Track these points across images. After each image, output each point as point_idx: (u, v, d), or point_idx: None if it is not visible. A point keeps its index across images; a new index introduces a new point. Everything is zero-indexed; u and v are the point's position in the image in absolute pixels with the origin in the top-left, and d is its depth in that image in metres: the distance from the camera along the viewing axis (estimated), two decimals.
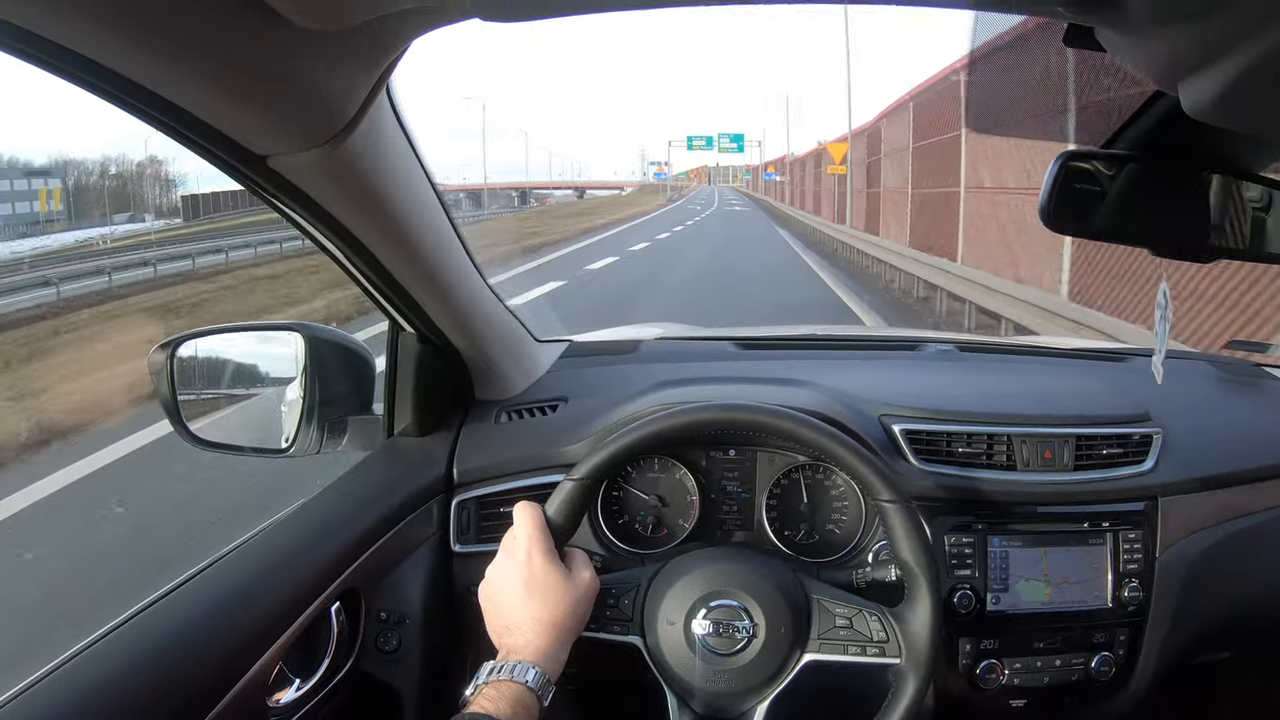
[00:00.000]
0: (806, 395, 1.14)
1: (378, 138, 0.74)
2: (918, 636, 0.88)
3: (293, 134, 0.66)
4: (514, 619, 0.85)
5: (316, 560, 0.94)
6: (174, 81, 0.57)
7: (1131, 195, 0.88)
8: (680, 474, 1.13)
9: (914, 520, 0.91)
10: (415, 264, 0.93)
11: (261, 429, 1.17)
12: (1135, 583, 1.11)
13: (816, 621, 0.90)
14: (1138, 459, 1.16)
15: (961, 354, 1.49)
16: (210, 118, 0.62)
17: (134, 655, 0.76)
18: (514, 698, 0.78)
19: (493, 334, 1.15)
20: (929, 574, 0.90)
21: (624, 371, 1.31)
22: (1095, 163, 0.89)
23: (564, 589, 0.86)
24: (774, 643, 0.88)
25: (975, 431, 1.13)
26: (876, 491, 0.92)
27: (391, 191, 0.81)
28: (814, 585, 0.93)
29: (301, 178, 0.73)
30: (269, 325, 1.17)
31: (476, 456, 1.13)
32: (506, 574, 0.88)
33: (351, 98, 0.65)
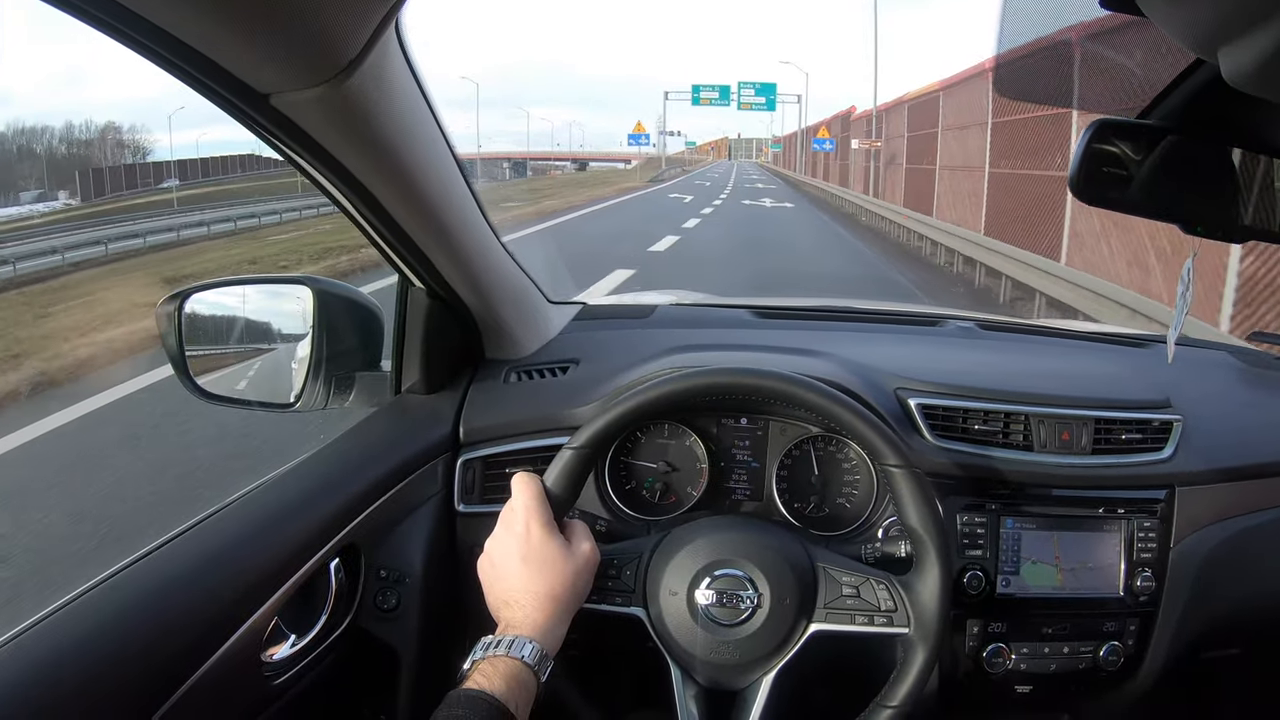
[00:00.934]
0: (820, 365, 1.12)
1: (385, 78, 0.71)
2: (926, 605, 0.86)
3: (296, 70, 0.64)
4: (512, 593, 0.84)
5: (316, 515, 0.93)
6: (176, 14, 0.56)
7: (1163, 169, 0.86)
8: (690, 440, 1.11)
9: (923, 487, 0.89)
10: (424, 214, 0.91)
11: (269, 383, 1.15)
12: (1148, 572, 1.09)
13: (823, 591, 0.88)
14: (1157, 446, 1.13)
15: (983, 332, 1.47)
16: (212, 52, 0.60)
17: (131, 602, 0.76)
18: (510, 674, 0.76)
19: (504, 292, 1.13)
20: (938, 541, 0.88)
21: (637, 336, 1.29)
22: (1128, 134, 0.87)
23: (562, 561, 0.84)
24: (779, 613, 0.86)
25: (992, 409, 1.11)
26: (883, 456, 0.90)
27: (399, 136, 0.79)
28: (820, 554, 0.90)
29: (305, 117, 0.71)
30: (278, 278, 1.16)
31: (484, 416, 1.11)
32: (504, 547, 0.86)
33: (357, 33, 0.63)
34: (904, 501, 0.89)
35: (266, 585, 0.84)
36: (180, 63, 0.60)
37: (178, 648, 0.75)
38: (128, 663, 0.71)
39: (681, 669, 0.88)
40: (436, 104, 0.84)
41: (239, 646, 0.80)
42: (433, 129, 0.85)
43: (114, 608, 0.75)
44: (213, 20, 0.57)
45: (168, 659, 0.74)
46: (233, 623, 0.80)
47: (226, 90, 0.65)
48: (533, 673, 0.78)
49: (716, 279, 8.98)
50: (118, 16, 0.54)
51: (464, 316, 1.11)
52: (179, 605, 0.77)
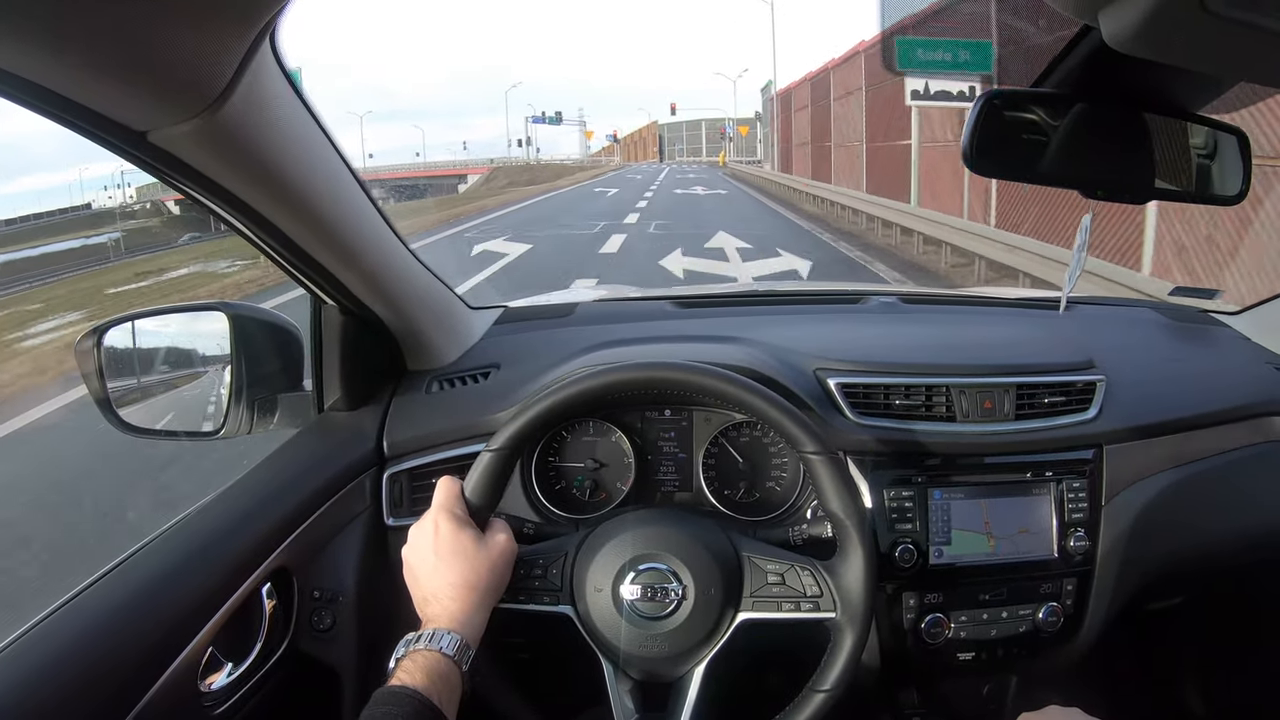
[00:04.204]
0: (739, 351, 1.12)
1: (262, 103, 0.70)
2: (851, 589, 0.87)
3: (167, 105, 0.63)
4: (430, 588, 0.84)
5: (245, 540, 0.92)
6: (36, 62, 0.54)
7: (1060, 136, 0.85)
8: (615, 436, 1.11)
9: (840, 471, 0.89)
10: (324, 233, 0.90)
11: (193, 412, 1.14)
12: (1081, 532, 1.10)
13: (748, 580, 0.88)
14: (1081, 407, 1.14)
15: (904, 305, 1.47)
16: (80, 96, 0.59)
17: (57, 649, 0.75)
18: (430, 667, 0.77)
19: (418, 302, 1.12)
20: (859, 525, 0.88)
21: (557, 335, 1.29)
22: (1021, 103, 0.86)
23: (475, 552, 0.85)
24: (705, 604, 0.86)
25: (913, 383, 1.11)
26: (800, 444, 0.90)
27: (285, 158, 0.78)
28: (745, 543, 0.91)
29: (185, 150, 0.69)
30: (193, 306, 1.14)
31: (406, 428, 1.11)
32: (418, 546, 0.87)
33: (224, 63, 0.62)
34: (823, 487, 0.89)
35: (198, 615, 0.84)
36: (50, 107, 0.59)
37: (113, 686, 0.74)
38: (68, 701, 0.71)
39: (613, 664, 0.88)
40: (325, 120, 0.83)
41: (175, 678, 0.79)
42: (323, 147, 0.84)
43: (50, 646, 0.74)
44: (76, 65, 0.56)
45: (107, 696, 0.73)
46: (166, 655, 0.79)
47: (101, 130, 0.64)
48: (453, 663, 0.78)
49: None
50: None
51: (380, 330, 1.10)
52: (110, 644, 0.77)
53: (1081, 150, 0.85)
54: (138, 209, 45.39)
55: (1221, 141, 0.84)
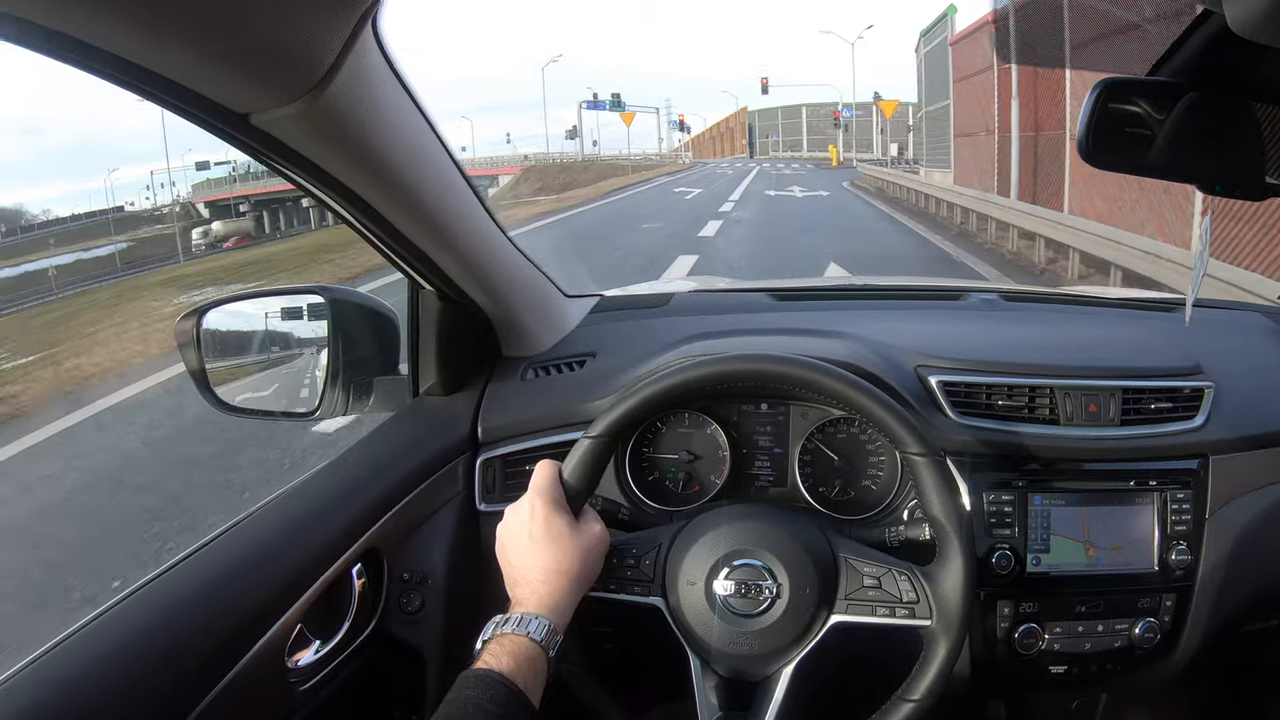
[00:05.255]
0: (839, 346, 1.10)
1: (364, 86, 0.71)
2: (949, 597, 0.84)
3: (270, 88, 0.64)
4: (521, 570, 0.84)
5: (338, 521, 0.94)
6: (143, 46, 0.56)
7: (1177, 128, 0.83)
8: (711, 429, 1.10)
9: (944, 474, 0.87)
10: (424, 218, 0.91)
11: (289, 392, 1.17)
12: (1183, 545, 1.05)
13: (844, 581, 0.86)
14: (1188, 414, 1.09)
15: (1006, 303, 1.43)
16: (183, 78, 0.60)
17: (155, 616, 0.77)
18: (517, 651, 0.77)
19: (515, 289, 1.13)
20: (961, 531, 0.85)
21: (654, 325, 1.28)
22: (1138, 92, 0.84)
23: (569, 537, 0.85)
24: (798, 604, 0.85)
25: (1016, 383, 1.08)
26: (904, 444, 0.88)
27: (386, 142, 0.78)
28: (842, 544, 0.89)
29: (288, 133, 0.71)
30: (292, 289, 1.17)
31: (501, 414, 1.11)
32: (511, 527, 0.87)
33: (328, 46, 0.63)
34: (926, 490, 0.87)
35: (290, 592, 0.85)
36: (158, 91, 0.60)
37: (207, 654, 0.76)
38: (161, 668, 0.73)
39: (700, 659, 0.87)
40: (426, 106, 0.83)
41: (264, 652, 0.81)
42: (423, 132, 0.84)
43: (146, 616, 0.77)
44: (179, 48, 0.57)
45: (199, 664, 0.75)
46: (257, 629, 0.81)
47: (204, 113, 0.65)
48: (540, 648, 0.78)
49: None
50: (83, 52, 0.54)
51: (477, 316, 1.11)
52: (206, 613, 0.79)
53: (1198, 143, 0.82)
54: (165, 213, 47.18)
55: None
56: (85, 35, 0.53)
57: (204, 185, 51.36)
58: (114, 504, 4.01)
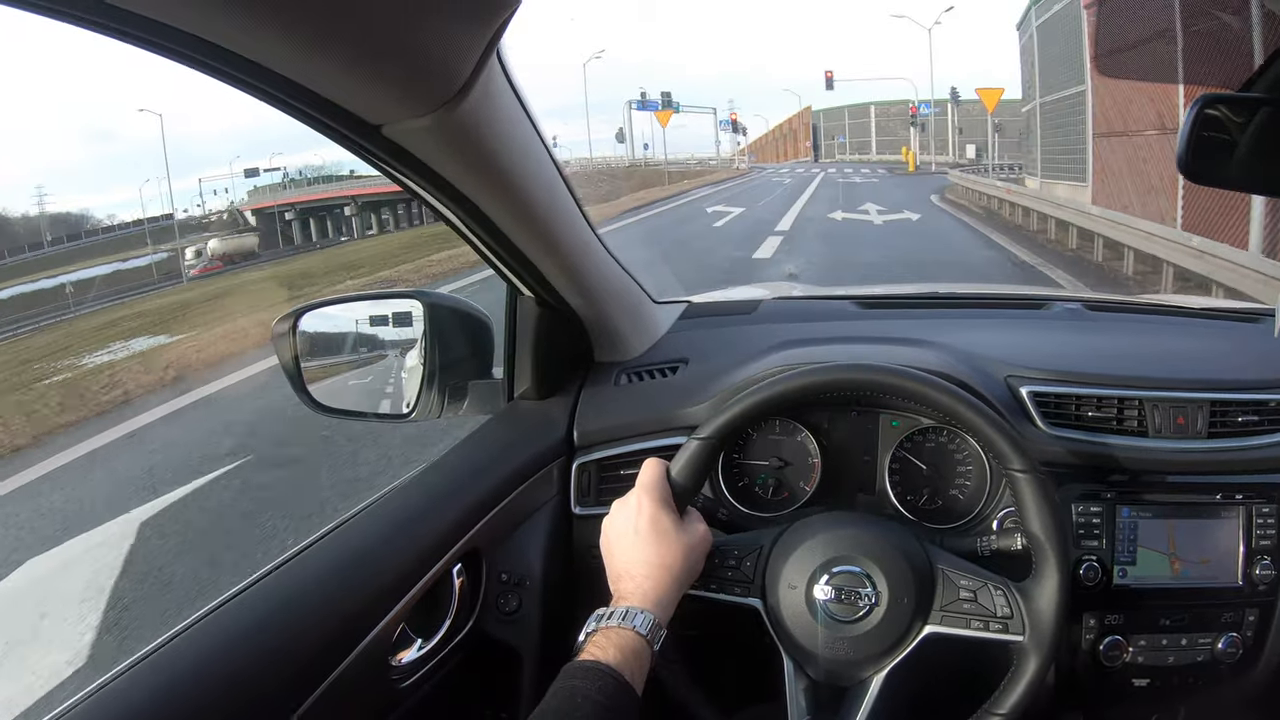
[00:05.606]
0: (931, 355, 1.10)
1: (492, 100, 0.73)
2: (1043, 614, 0.84)
3: (407, 101, 0.66)
4: (626, 564, 0.85)
5: (438, 522, 0.95)
6: (284, 57, 0.57)
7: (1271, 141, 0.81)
8: (802, 436, 1.10)
9: (1047, 492, 0.87)
10: (531, 227, 0.92)
11: (384, 395, 1.19)
12: (1267, 560, 1.04)
13: (940, 592, 0.86)
14: (1275, 428, 1.07)
15: (1089, 313, 1.41)
16: (324, 90, 0.62)
17: (262, 615, 0.79)
18: (623, 644, 0.77)
19: (610, 295, 1.14)
20: (1059, 549, 0.85)
21: (744, 332, 1.29)
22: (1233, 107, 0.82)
23: (675, 534, 0.86)
24: (896, 612, 0.85)
25: (1105, 395, 1.07)
26: (1008, 460, 0.88)
27: (506, 154, 0.80)
28: (939, 555, 0.89)
29: (417, 144, 0.72)
30: (389, 294, 1.19)
31: (596, 419, 1.12)
32: (618, 522, 0.88)
33: (464, 61, 0.64)
34: (1027, 507, 0.87)
35: (394, 591, 0.87)
36: (292, 101, 0.62)
37: (313, 651, 0.78)
38: (268, 665, 0.75)
39: (795, 662, 0.88)
40: (539, 120, 0.85)
41: (369, 650, 0.82)
42: (537, 144, 0.86)
43: (255, 613, 0.79)
44: (322, 58, 0.58)
45: (305, 662, 0.77)
46: (363, 627, 0.82)
47: (337, 123, 0.67)
48: (646, 642, 0.79)
49: None
50: (227, 62, 0.55)
51: (573, 322, 1.12)
52: (313, 611, 0.81)
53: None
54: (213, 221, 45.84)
55: None
56: (233, 45, 0.54)
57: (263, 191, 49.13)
58: None
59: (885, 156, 51.59)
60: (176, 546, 3.67)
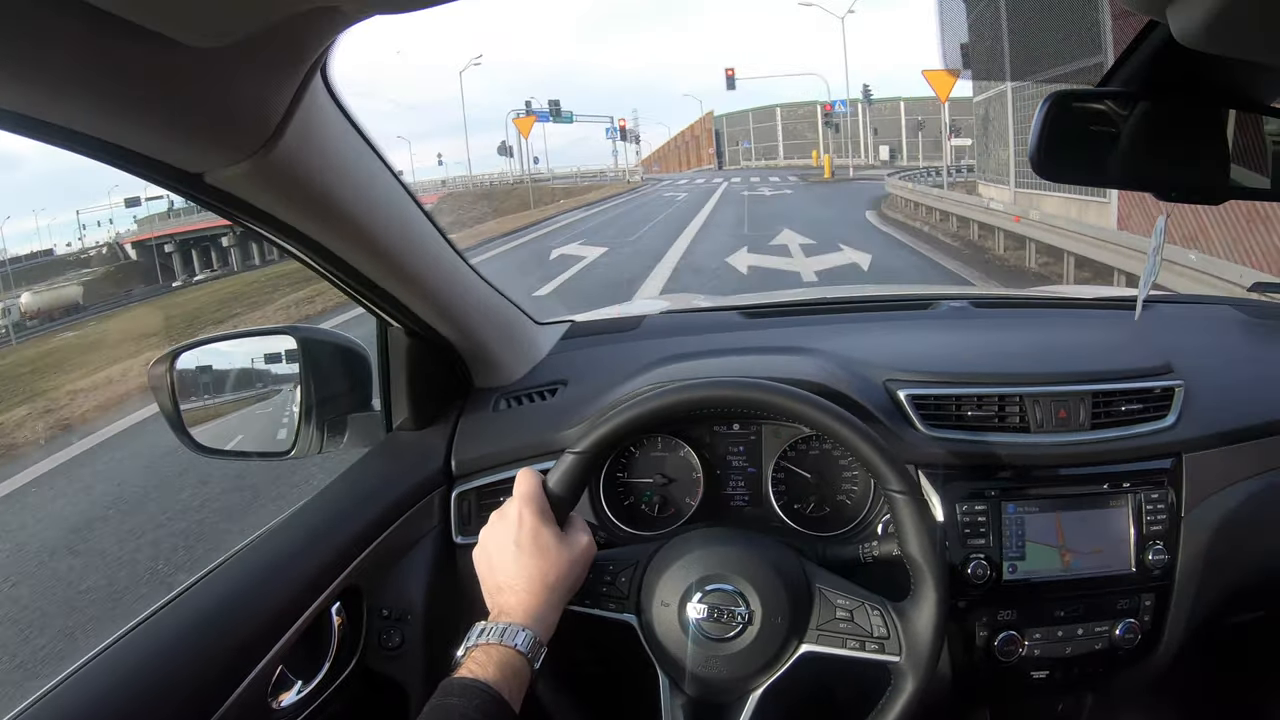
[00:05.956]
0: (808, 364, 1.11)
1: (317, 137, 0.71)
2: (919, 635, 0.85)
3: (219, 148, 0.64)
4: (507, 578, 0.84)
5: (315, 560, 0.94)
6: (86, 116, 0.56)
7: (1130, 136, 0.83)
8: (684, 452, 1.11)
9: (923, 513, 0.87)
10: (385, 260, 0.91)
11: (264, 432, 1.17)
12: (1160, 545, 1.06)
13: (817, 612, 0.87)
14: (1159, 414, 1.10)
15: (975, 310, 1.44)
16: (135, 144, 0.60)
17: (132, 666, 0.77)
18: (503, 661, 0.77)
19: (483, 321, 1.13)
20: (936, 572, 0.86)
21: (625, 349, 1.29)
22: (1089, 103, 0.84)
23: (557, 549, 0.85)
24: (770, 631, 0.85)
25: (986, 393, 1.09)
26: (885, 480, 0.88)
27: (342, 188, 0.79)
28: (818, 574, 0.89)
29: (242, 189, 0.71)
30: (261, 330, 1.17)
31: (475, 446, 1.11)
32: (498, 534, 0.87)
33: (274, 103, 0.63)
34: (904, 528, 0.87)
35: (269, 633, 0.85)
36: (109, 155, 0.61)
37: (186, 701, 0.76)
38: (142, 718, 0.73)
39: (670, 679, 0.87)
40: (379, 145, 0.83)
41: (247, 696, 0.81)
42: (379, 173, 0.85)
43: (127, 665, 0.77)
44: (125, 119, 0.57)
45: (178, 712, 0.75)
46: (238, 673, 0.81)
47: (158, 173, 0.65)
48: (526, 660, 0.78)
49: None
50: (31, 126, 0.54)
51: (446, 350, 1.11)
52: (183, 663, 0.79)
53: (1153, 150, 0.82)
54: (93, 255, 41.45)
55: None
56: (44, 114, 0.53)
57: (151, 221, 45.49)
58: None
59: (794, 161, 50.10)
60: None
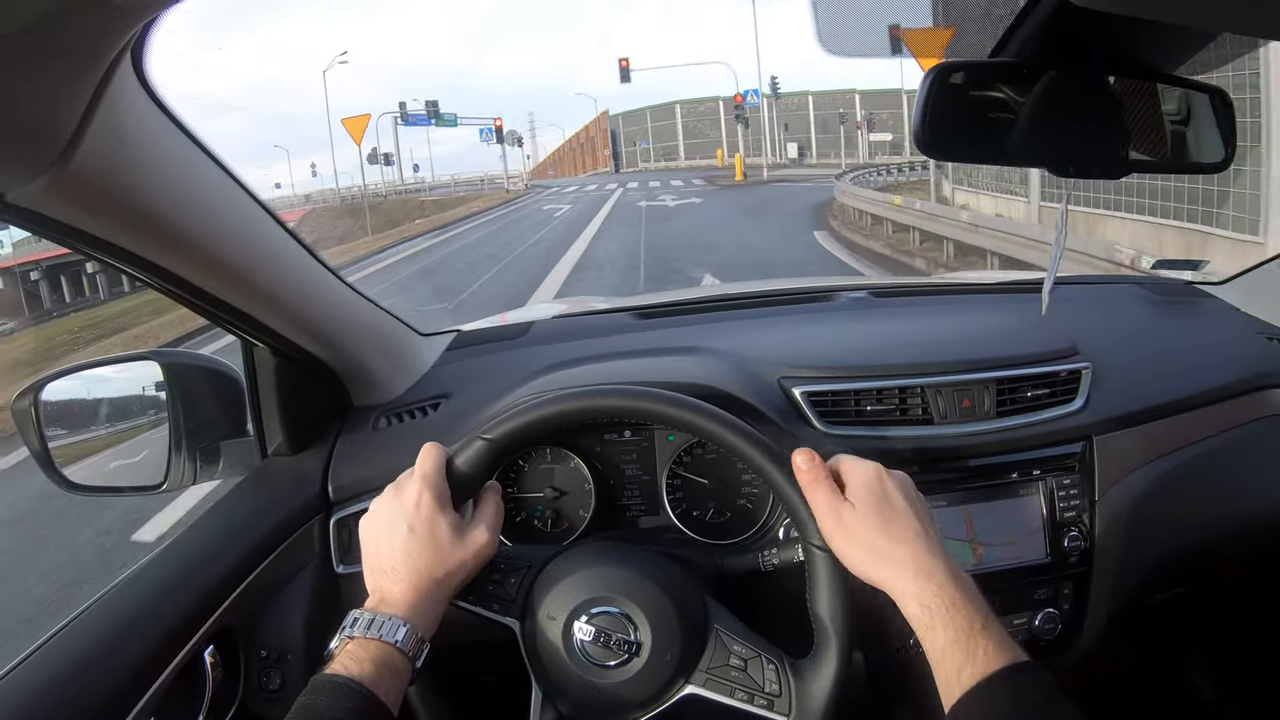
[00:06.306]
0: (698, 366, 1.06)
1: (130, 146, 0.64)
2: (813, 700, 0.77)
3: (10, 163, 0.57)
4: (392, 561, 0.76)
5: (183, 602, 0.86)
6: None
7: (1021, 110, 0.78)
8: (574, 463, 1.05)
9: (839, 573, 0.79)
10: (231, 276, 0.83)
11: (137, 465, 1.09)
12: (1074, 531, 1.04)
13: (709, 653, 0.80)
14: (1066, 398, 1.08)
15: (875, 300, 1.40)
16: None
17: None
18: (381, 658, 0.70)
19: (356, 334, 1.05)
20: (842, 638, 0.78)
21: (513, 357, 1.22)
22: (978, 76, 0.79)
23: (451, 542, 0.77)
24: (656, 665, 0.78)
25: (885, 386, 1.05)
26: (807, 533, 0.80)
27: (170, 202, 0.71)
28: (718, 613, 0.82)
29: (50, 207, 0.63)
30: (123, 357, 1.08)
31: (353, 469, 1.04)
32: (392, 511, 0.79)
33: (66, 110, 0.56)
34: (818, 585, 0.79)
35: (136, 685, 0.78)
36: None
37: None
38: None
39: (544, 694, 0.81)
40: (215, 149, 0.75)
41: None
42: (215, 181, 0.77)
43: None
44: None
45: None
46: None
47: None
48: (407, 658, 0.72)
49: None
50: None
51: (318, 367, 1.04)
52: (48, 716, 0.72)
53: (1047, 124, 0.78)
54: None
55: (1200, 104, 0.77)
56: None
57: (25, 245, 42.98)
58: None
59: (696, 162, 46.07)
60: None
